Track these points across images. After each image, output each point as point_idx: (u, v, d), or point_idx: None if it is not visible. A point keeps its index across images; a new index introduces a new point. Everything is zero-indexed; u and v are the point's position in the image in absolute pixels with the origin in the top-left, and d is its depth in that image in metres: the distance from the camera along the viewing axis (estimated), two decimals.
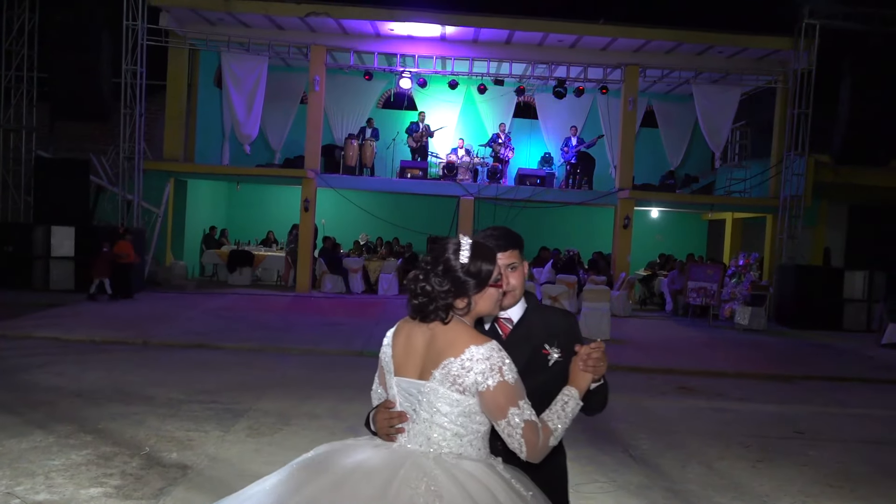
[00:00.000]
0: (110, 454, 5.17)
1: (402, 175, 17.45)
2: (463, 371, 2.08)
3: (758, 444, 6.42)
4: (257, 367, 8.51)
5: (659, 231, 20.91)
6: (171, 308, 12.82)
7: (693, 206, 19.10)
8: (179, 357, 8.90)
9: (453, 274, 2.16)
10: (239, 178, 17.82)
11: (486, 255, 2.20)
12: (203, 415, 6.31)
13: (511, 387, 2.06)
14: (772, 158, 17.15)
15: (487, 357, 2.07)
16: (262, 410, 6.56)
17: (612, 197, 17.05)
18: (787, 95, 16.35)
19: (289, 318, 12.54)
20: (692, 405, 7.88)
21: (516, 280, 2.40)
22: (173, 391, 7.08)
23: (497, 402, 2.07)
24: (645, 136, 19.41)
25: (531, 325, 2.42)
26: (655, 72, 17.29)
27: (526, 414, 2.07)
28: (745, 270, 14.60)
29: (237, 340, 10.06)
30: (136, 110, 15.38)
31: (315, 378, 8.10)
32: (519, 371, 2.14)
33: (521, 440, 2.07)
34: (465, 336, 2.12)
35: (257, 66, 16.47)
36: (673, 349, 11.41)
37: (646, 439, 6.35)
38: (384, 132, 18.60)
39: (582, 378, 2.24)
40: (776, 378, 9.68)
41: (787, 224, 15.92)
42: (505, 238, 2.42)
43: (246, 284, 16.99)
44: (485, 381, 2.06)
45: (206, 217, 18.88)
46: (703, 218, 21.04)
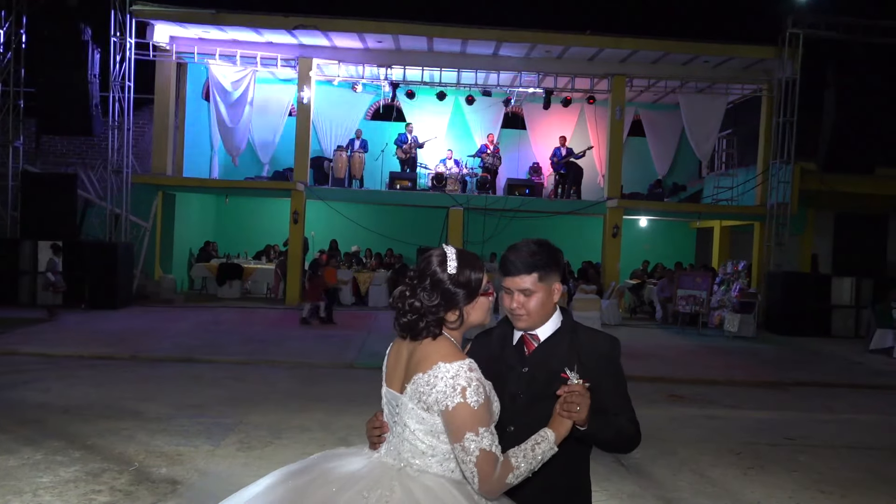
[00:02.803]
0: (99, 470, 5.13)
1: (392, 186, 17.47)
2: (427, 388, 2.02)
3: (749, 451, 6.44)
4: (247, 381, 8.47)
5: (647, 240, 20.99)
6: (159, 322, 12.75)
7: (681, 215, 19.22)
8: (168, 371, 8.85)
9: (442, 287, 2.10)
10: (227, 191, 17.79)
11: (473, 262, 2.15)
12: (193, 429, 6.27)
13: (472, 411, 1.96)
14: (758, 166, 17.29)
15: (453, 376, 2.00)
16: (253, 424, 6.52)
17: (600, 206, 17.13)
18: (772, 104, 16.50)
19: (279, 330, 12.50)
20: (683, 413, 7.90)
21: (527, 305, 2.25)
22: (162, 406, 7.03)
23: (454, 424, 1.98)
24: (632, 146, 19.53)
25: (557, 346, 2.30)
26: (642, 81, 17.43)
27: (485, 442, 1.96)
28: (734, 278, 14.67)
29: (227, 354, 10.01)
30: (124, 124, 15.34)
31: (305, 391, 8.06)
32: (534, 394, 2.10)
33: (474, 469, 1.96)
34: (439, 352, 2.06)
35: (245, 78, 16.48)
36: (663, 357, 11.44)
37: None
38: (373, 144, 18.63)
39: (559, 422, 2.09)
40: (766, 385, 9.72)
41: (775, 231, 16.03)
42: (524, 260, 2.25)
43: (235, 298, 16.92)
44: (445, 400, 1.99)
45: (195, 231, 18.81)
46: (691, 226, 21.15)
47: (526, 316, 2.27)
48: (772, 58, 16.14)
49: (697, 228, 21.20)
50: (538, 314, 2.28)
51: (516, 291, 2.26)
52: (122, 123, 15.35)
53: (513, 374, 2.30)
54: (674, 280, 15.48)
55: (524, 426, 2.17)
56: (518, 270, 2.25)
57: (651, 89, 17.87)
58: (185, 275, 18.28)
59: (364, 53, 16.86)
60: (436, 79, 17.67)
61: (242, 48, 16.47)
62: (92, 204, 15.90)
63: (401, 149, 18.09)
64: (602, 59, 16.80)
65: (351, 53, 16.84)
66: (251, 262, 18.25)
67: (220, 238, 19.42)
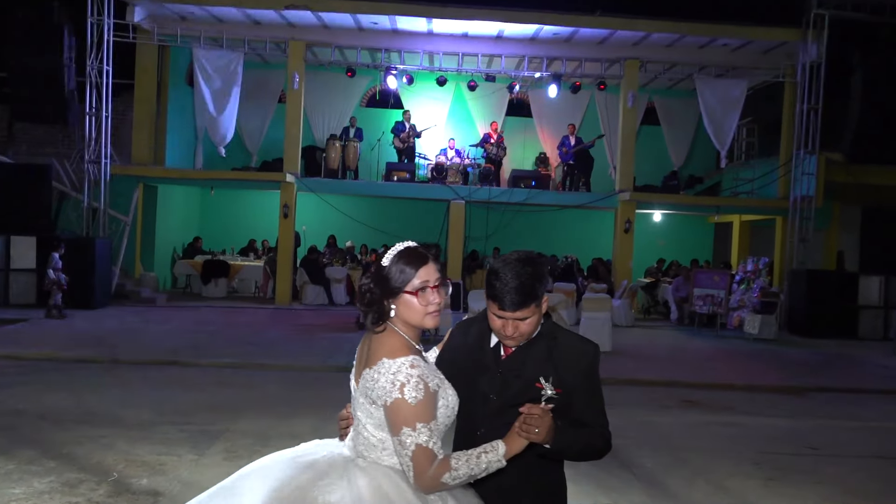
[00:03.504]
0: (76, 481, 5.14)
1: (388, 178, 17.48)
2: (372, 383, 2.20)
3: (769, 460, 6.45)
4: (234, 385, 8.49)
5: (662, 236, 21.00)
6: (140, 323, 12.76)
7: (698, 209, 19.21)
8: (150, 375, 8.86)
9: (377, 273, 2.30)
10: (213, 182, 17.79)
11: (409, 259, 2.27)
12: (176, 437, 6.28)
13: (409, 407, 2.13)
14: (780, 157, 17.28)
15: (394, 372, 2.16)
16: (240, 431, 6.54)
17: (612, 199, 17.13)
18: (795, 90, 16.48)
19: (267, 332, 12.51)
20: (699, 420, 7.91)
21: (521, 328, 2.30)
22: (144, 412, 7.04)
23: (392, 418, 2.16)
24: (646, 135, 19.52)
25: (534, 352, 2.35)
26: (656, 66, 17.41)
27: (421, 438, 2.12)
28: (754, 276, 14.67)
29: (212, 357, 10.02)
30: (102, 111, 15.34)
31: (295, 396, 8.08)
32: (507, 399, 2.23)
33: (410, 463, 2.13)
34: (385, 347, 2.23)
35: (232, 62, 16.47)
36: (678, 360, 11.45)
37: (649, 456, 6.37)
38: (368, 132, 18.63)
39: (513, 438, 2.18)
40: (788, 390, 9.73)
41: (798, 226, 16.03)
42: (520, 291, 2.25)
43: (221, 297, 16.94)
44: (385, 395, 2.16)
45: (178, 225, 18.84)
46: (708, 221, 21.15)
47: (520, 338, 2.35)
48: (795, 40, 16.12)
49: (715, 223, 21.19)
50: (532, 333, 2.36)
51: (511, 320, 2.31)
52: (99, 110, 15.35)
53: (487, 376, 2.38)
54: (690, 278, 15.48)
55: (494, 430, 2.27)
56: (514, 305, 2.27)
57: (666, 74, 17.85)
58: (168, 272, 18.30)
59: (359, 35, 16.84)
60: (436, 63, 17.66)
61: (229, 30, 16.46)
62: (68, 196, 15.91)
63: (398, 138, 18.09)
64: (613, 41, 16.78)
65: (345, 35, 16.82)
66: (238, 258, 18.27)
67: (204, 233, 19.43)
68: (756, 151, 19.17)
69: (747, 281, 14.77)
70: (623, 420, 7.37)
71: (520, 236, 18.72)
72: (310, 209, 18.27)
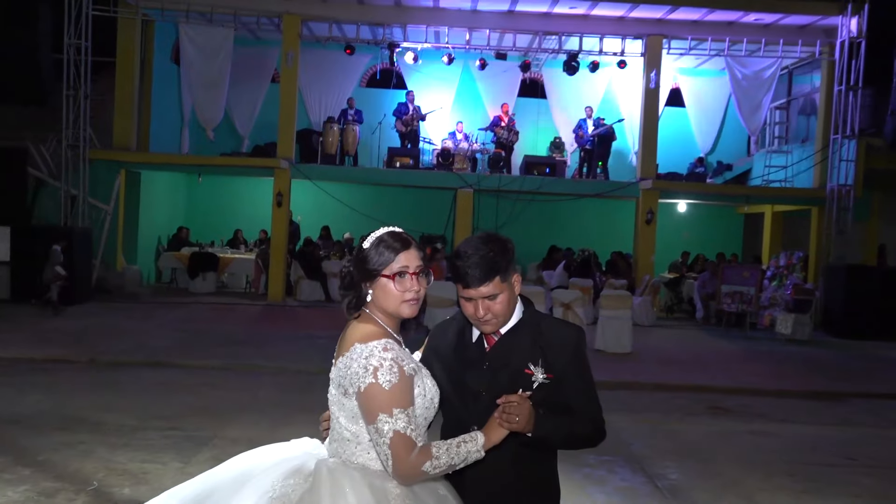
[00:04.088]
0: (52, 490, 5.15)
1: (390, 164, 17.45)
2: (344, 370, 2.26)
3: (803, 471, 6.43)
4: (223, 389, 8.50)
5: (687, 228, 20.94)
6: (122, 320, 12.78)
7: (726, 198, 19.12)
8: (132, 377, 8.88)
9: (357, 255, 2.37)
10: (201, 169, 17.79)
11: (391, 244, 2.33)
12: (160, 444, 6.29)
13: (384, 392, 2.17)
14: (816, 142, 17.19)
15: (366, 356, 2.21)
16: (229, 439, 6.54)
17: (633, 188, 17.07)
18: (833, 69, 16.38)
19: (260, 330, 12.53)
20: (727, 428, 7.90)
21: (493, 309, 2.39)
22: (125, 417, 7.06)
23: (367, 405, 2.20)
24: (670, 118, 19.42)
25: (518, 339, 2.43)
26: (682, 43, 17.29)
27: (399, 424, 2.15)
28: (788, 272, 14.62)
29: (200, 357, 10.03)
30: (81, 91, 15.33)
31: (290, 401, 8.08)
32: (498, 392, 2.27)
33: (388, 451, 2.16)
34: (357, 333, 2.30)
35: (221, 39, 16.43)
36: (704, 363, 11.42)
37: (674, 467, 6.35)
38: (369, 115, 18.59)
39: (493, 427, 2.25)
40: (823, 396, 9.69)
41: (836, 218, 15.94)
42: (481, 266, 2.35)
43: (210, 292, 16.95)
44: (357, 381, 2.20)
45: (163, 215, 18.85)
46: (738, 211, 21.08)
47: (494, 320, 2.41)
48: (834, 15, 16.00)
49: (745, 214, 21.12)
50: (506, 314, 2.42)
51: (479, 300, 2.38)
52: (78, 90, 15.34)
53: (473, 372, 2.44)
54: (717, 274, 15.43)
55: (482, 425, 2.32)
56: (477, 280, 2.35)
57: (692, 52, 17.75)
58: (152, 266, 18.32)
59: (359, 9, 16.78)
60: (442, 39, 17.60)
61: (218, 3, 16.39)
62: (45, 183, 15.93)
63: (401, 121, 18.05)
64: (635, 16, 16.68)
65: (344, 9, 16.76)
66: (228, 251, 18.28)
67: (191, 223, 19.45)
68: (790, 136, 19.07)
69: (779, 277, 14.72)
70: (646, 428, 7.35)
71: (532, 227, 18.68)
72: (305, 198, 18.25)
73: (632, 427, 7.49)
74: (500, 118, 18.29)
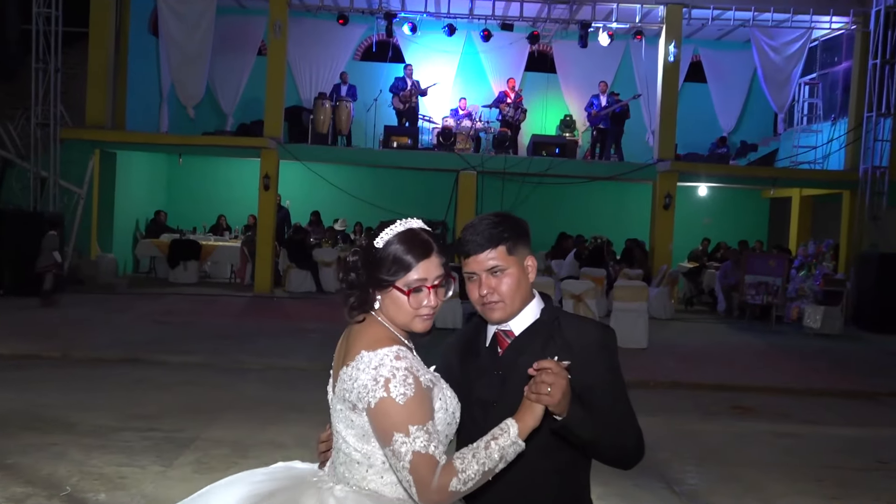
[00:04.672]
0: (22, 496, 5.16)
1: (387, 144, 17.42)
2: (350, 383, 2.10)
3: (832, 476, 6.45)
4: (207, 386, 8.51)
5: (709, 213, 20.92)
6: (97, 313, 12.79)
7: (751, 181, 19.09)
8: (109, 374, 8.89)
9: (368, 253, 2.19)
10: (181, 149, 17.76)
11: (412, 249, 2.15)
12: (139, 446, 6.31)
13: (398, 407, 2.01)
14: (849, 121, 17.15)
15: (375, 366, 2.05)
16: (213, 440, 6.56)
17: (649, 170, 17.05)
18: (868, 42, 16.32)
19: (245, 324, 12.54)
20: (750, 429, 7.91)
21: (500, 289, 2.26)
22: (101, 417, 7.07)
23: (380, 424, 2.04)
24: (690, 94, 19.38)
25: (535, 341, 2.29)
26: (703, 12, 17.24)
27: (418, 444, 1.99)
28: (817, 261, 14.61)
29: (181, 353, 10.05)
30: (51, 65, 15.29)
31: (279, 398, 8.10)
32: (511, 402, 2.11)
33: (409, 477, 2.00)
34: (364, 339, 2.13)
35: (203, 8, 16.38)
36: (726, 359, 11.43)
37: (693, 471, 6.37)
38: (363, 90, 18.55)
39: (526, 408, 2.07)
40: (855, 395, 9.70)
41: (869, 202, 15.93)
42: (484, 233, 2.26)
43: (192, 283, 16.98)
44: (367, 395, 2.05)
45: (141, 199, 18.84)
46: (763, 196, 21.05)
47: (501, 303, 2.27)
48: None
49: (771, 198, 21.08)
50: (515, 298, 2.28)
51: (483, 274, 2.26)
52: (48, 64, 15.31)
53: (485, 380, 2.31)
54: (740, 263, 15.43)
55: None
56: (480, 246, 2.25)
57: (715, 22, 17.70)
58: (129, 254, 18.33)
59: None
60: (443, 8, 17.54)
61: None
62: (11, 164, 15.91)
63: (398, 97, 18.01)
64: None
65: None
66: (211, 238, 18.29)
67: (172, 208, 19.46)
68: (820, 114, 19.02)
69: (808, 266, 14.70)
70: (663, 429, 7.36)
71: (540, 213, 18.63)
72: (295, 180, 18.23)
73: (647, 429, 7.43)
74: (506, 94, 18.24)
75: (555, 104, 19.88)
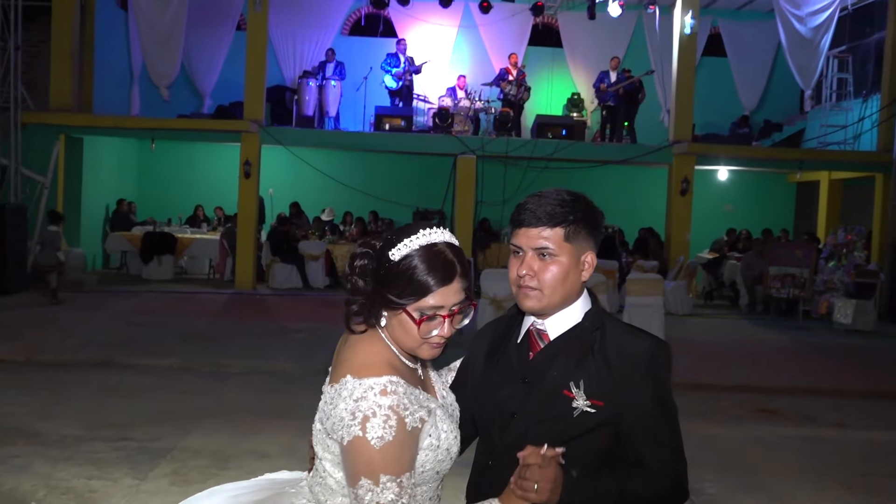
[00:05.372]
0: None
1: (378, 126, 17.40)
2: (329, 408, 2.03)
3: (863, 484, 6.47)
4: (183, 392, 8.52)
5: (730, 199, 20.93)
6: (64, 312, 12.79)
7: (775, 164, 19.08)
8: (77, 379, 8.88)
9: (381, 263, 2.09)
10: (154, 133, 17.71)
11: (433, 269, 2.02)
12: (110, 457, 6.32)
13: (372, 451, 1.91)
14: (882, 97, 17.14)
15: (357, 398, 1.95)
16: (192, 450, 6.57)
17: (664, 153, 17.04)
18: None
19: (226, 323, 12.54)
20: (775, 433, 7.93)
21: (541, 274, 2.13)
22: (69, 425, 7.08)
23: (350, 462, 1.96)
24: (709, 69, 19.37)
25: (570, 349, 2.15)
26: None
27: (386, 497, 1.90)
28: (847, 250, 14.61)
29: (156, 355, 10.05)
30: (10, 42, 15.26)
31: (263, 404, 8.11)
32: (532, 416, 2.04)
33: None
34: (356, 358, 2.05)
35: None
36: (749, 358, 11.45)
37: (713, 480, 6.39)
38: (352, 68, 18.53)
39: (508, 497, 2.00)
40: (888, 395, 9.72)
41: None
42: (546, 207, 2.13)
43: (167, 279, 16.98)
44: (342, 429, 1.96)
45: (111, 188, 18.82)
46: (789, 180, 21.05)
47: (538, 291, 2.14)
48: None
49: (798, 183, 21.09)
50: (556, 291, 2.14)
51: (529, 252, 2.14)
52: (7, 41, 15.27)
53: (508, 387, 2.20)
54: (764, 253, 15.44)
55: (503, 465, 2.09)
56: (537, 220, 2.12)
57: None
58: (99, 248, 18.32)
59: None
60: None
61: None
62: None
63: (391, 75, 18.00)
64: None
65: None
66: (187, 230, 18.28)
67: (144, 198, 19.45)
68: (850, 90, 19.01)
69: (838, 256, 14.71)
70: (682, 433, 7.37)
71: None
72: (278, 167, 18.22)
73: None
74: (508, 71, 18.23)
75: (561, 82, 19.86)
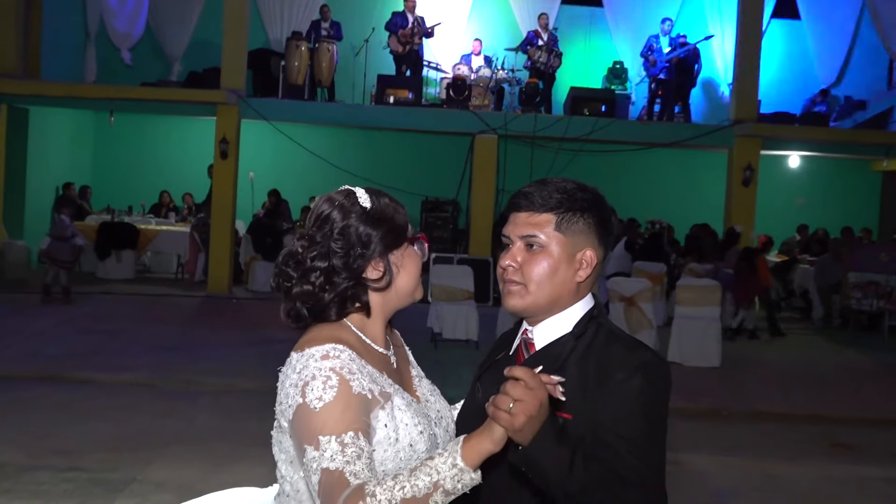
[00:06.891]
0: None
1: (381, 99, 17.38)
2: (280, 396, 2.17)
3: None
4: (146, 413, 8.53)
5: (802, 192, 20.87)
6: (4, 317, 12.85)
7: (857, 149, 19.02)
8: (20, 397, 8.90)
9: (357, 229, 2.21)
10: (113, 104, 17.77)
11: (391, 199, 2.28)
12: (58, 489, 6.33)
13: (311, 414, 2.01)
14: None
15: (300, 370, 2.11)
16: (153, 482, 6.58)
17: (724, 134, 16.99)
18: None
19: (197, 332, 12.57)
20: (852, 473, 7.89)
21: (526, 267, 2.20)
22: (8, 452, 7.09)
23: (296, 438, 2.08)
24: (778, 36, 19.33)
25: (557, 359, 2.17)
26: None
27: (326, 457, 1.96)
28: None
29: (114, 370, 10.06)
30: None
31: (238, 429, 8.11)
32: None
33: (317, 498, 1.98)
34: (303, 339, 2.23)
35: None
36: (823, 383, 11.42)
37: None
38: (350, 29, 18.52)
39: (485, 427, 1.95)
40: None
41: None
42: (543, 192, 2.20)
43: (127, 278, 17.00)
44: (288, 408, 2.10)
45: (61, 169, 18.87)
46: (873, 168, 20.97)
47: (521, 286, 2.21)
48: None
49: (884, 172, 21.02)
50: (541, 288, 2.20)
51: (517, 241, 2.22)
52: None
53: (489, 396, 2.18)
54: (842, 257, 15.39)
55: (500, 470, 2.11)
56: (528, 204, 2.21)
57: None
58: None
59: None
60: None
61: None
62: None
63: (396, 37, 17.98)
64: None
65: None
66: (151, 220, 18.31)
67: (100, 181, 19.49)
68: None
69: None
70: (741, 472, 7.37)
71: None
72: (261, 145, 18.24)
73: (722, 471, 7.50)
74: (536, 35, 18.19)
75: (600, 48, 19.84)
